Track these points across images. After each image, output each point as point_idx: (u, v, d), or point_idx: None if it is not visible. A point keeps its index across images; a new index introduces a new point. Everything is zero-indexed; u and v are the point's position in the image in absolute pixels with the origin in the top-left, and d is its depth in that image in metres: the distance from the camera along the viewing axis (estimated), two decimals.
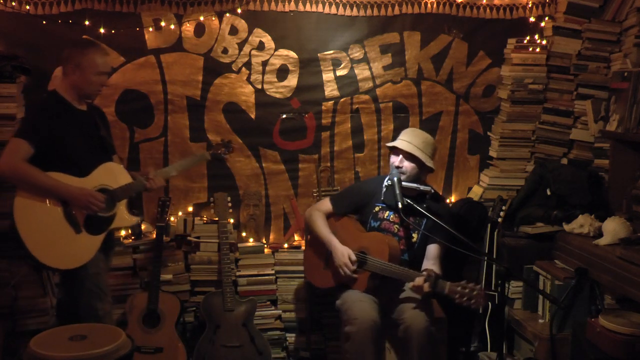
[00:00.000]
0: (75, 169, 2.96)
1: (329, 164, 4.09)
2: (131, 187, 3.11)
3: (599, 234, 3.39)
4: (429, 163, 3.28)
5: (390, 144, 3.36)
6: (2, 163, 2.84)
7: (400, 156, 3.28)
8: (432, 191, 3.33)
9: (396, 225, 3.33)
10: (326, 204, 3.48)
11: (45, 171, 2.87)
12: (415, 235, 3.32)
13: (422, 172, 3.33)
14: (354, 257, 3.22)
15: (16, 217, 2.85)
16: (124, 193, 3.08)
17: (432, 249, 3.28)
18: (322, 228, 3.38)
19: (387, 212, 3.36)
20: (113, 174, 3.08)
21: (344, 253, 3.23)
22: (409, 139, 3.29)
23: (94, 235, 2.99)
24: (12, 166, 2.83)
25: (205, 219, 3.96)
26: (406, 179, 3.28)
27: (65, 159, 2.94)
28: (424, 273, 3.06)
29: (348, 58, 4.01)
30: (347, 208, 3.45)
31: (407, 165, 3.28)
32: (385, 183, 3.36)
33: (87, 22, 3.68)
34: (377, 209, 3.37)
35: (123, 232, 3.90)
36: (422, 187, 3.31)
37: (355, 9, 3.94)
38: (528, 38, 4.01)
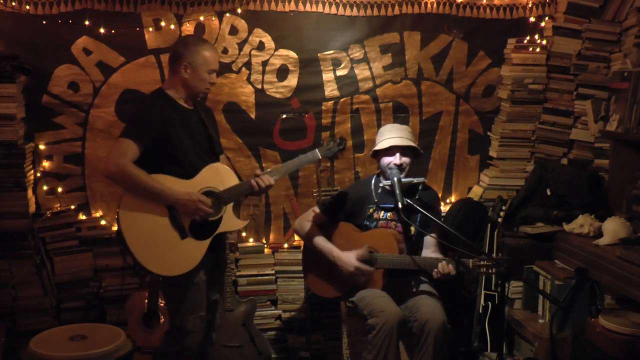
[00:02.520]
0: (181, 170, 2.83)
1: (329, 164, 4.09)
2: (238, 189, 2.95)
3: (599, 234, 3.39)
4: (420, 150, 3.34)
5: (385, 145, 3.28)
6: (111, 164, 2.70)
7: (397, 154, 3.28)
8: (425, 181, 3.36)
9: (393, 222, 3.34)
10: (315, 212, 3.39)
11: (150, 173, 2.74)
12: (412, 229, 3.33)
13: (414, 162, 3.36)
14: (361, 253, 3.20)
15: (123, 226, 2.72)
16: (230, 195, 2.92)
17: (430, 238, 3.33)
18: (318, 240, 3.31)
19: (382, 212, 3.35)
20: (219, 175, 2.94)
21: (350, 260, 3.20)
22: (398, 135, 3.30)
23: (199, 240, 2.84)
24: (120, 168, 2.68)
25: None
26: (405, 175, 3.28)
27: (172, 161, 2.82)
28: (446, 258, 3.10)
29: (348, 58, 4.01)
30: (339, 214, 3.38)
31: (405, 160, 3.29)
32: (380, 184, 3.35)
33: (87, 22, 3.68)
34: (370, 210, 3.36)
35: None
36: (416, 180, 3.32)
37: (355, 9, 3.94)
38: (528, 38, 4.01)
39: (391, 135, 3.31)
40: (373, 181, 3.40)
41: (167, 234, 2.77)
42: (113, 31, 3.72)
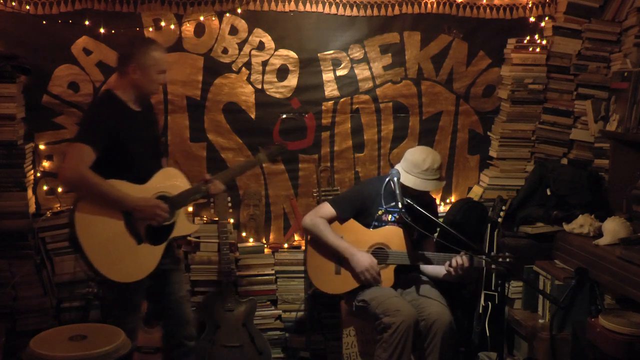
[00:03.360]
0: (135, 175, 2.80)
1: (329, 164, 4.09)
2: (191, 193, 2.96)
3: (599, 234, 3.39)
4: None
5: (420, 188, 3.20)
6: (68, 171, 2.66)
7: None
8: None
9: (400, 225, 3.33)
10: (328, 210, 3.35)
11: (105, 178, 2.70)
12: (415, 233, 3.33)
13: None
14: (375, 263, 3.21)
15: (79, 231, 2.66)
16: (183, 200, 2.93)
17: (430, 241, 3.35)
18: (332, 236, 3.28)
19: (390, 215, 3.35)
20: (171, 180, 2.94)
21: (365, 258, 3.20)
22: (435, 177, 3.23)
23: (155, 245, 2.84)
24: (78, 174, 2.63)
25: (205, 219, 3.96)
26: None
27: (125, 165, 2.78)
28: (458, 254, 3.11)
29: (348, 58, 4.01)
30: (351, 213, 3.36)
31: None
32: (385, 181, 3.36)
33: (87, 22, 3.68)
34: (380, 212, 3.35)
35: None
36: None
37: (355, 9, 3.94)
38: (528, 38, 4.01)
39: (428, 176, 3.20)
40: (384, 185, 3.38)
41: (124, 239, 2.75)
42: (113, 31, 3.72)
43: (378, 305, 3.11)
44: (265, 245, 4.06)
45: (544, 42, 4.00)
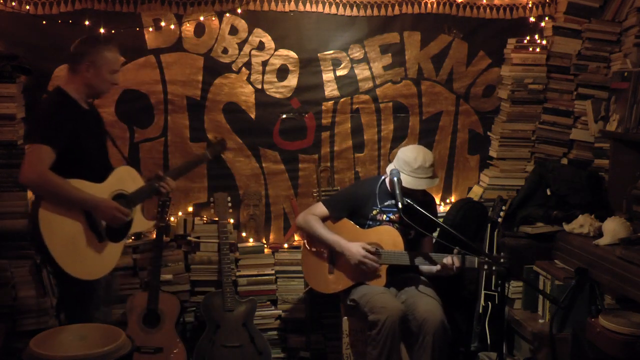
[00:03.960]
0: (92, 173, 2.83)
1: (329, 164, 4.09)
2: (146, 190, 3.03)
3: (599, 234, 3.39)
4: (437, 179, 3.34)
5: (413, 186, 3.22)
6: (28, 172, 2.67)
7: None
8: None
9: (396, 225, 3.34)
10: (321, 209, 3.41)
11: (65, 178, 2.72)
12: (412, 232, 3.33)
13: None
14: (368, 246, 3.22)
15: (42, 227, 2.68)
16: (139, 197, 3.00)
17: (429, 240, 3.36)
18: (324, 231, 3.33)
19: (385, 215, 3.35)
20: (127, 178, 3.00)
21: (357, 249, 3.22)
22: (427, 175, 3.25)
23: (116, 242, 2.91)
24: (39, 175, 2.64)
25: (205, 219, 3.96)
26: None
27: (83, 164, 2.81)
28: (451, 254, 3.12)
29: (348, 58, 4.01)
30: (344, 212, 3.40)
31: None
32: (380, 181, 3.36)
33: (87, 22, 3.68)
34: (374, 212, 3.36)
35: None
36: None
37: (355, 9, 3.94)
38: (528, 38, 4.01)
39: (420, 174, 3.22)
40: (379, 184, 3.39)
41: (86, 237, 2.79)
42: (113, 31, 3.71)
43: (366, 303, 3.14)
44: (265, 245, 4.06)
45: (544, 42, 4.00)
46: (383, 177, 3.41)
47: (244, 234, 4.06)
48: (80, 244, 2.78)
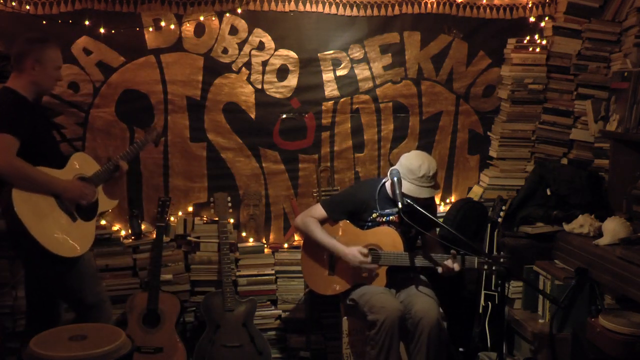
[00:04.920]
0: (53, 161, 2.98)
1: (329, 164, 4.09)
2: (104, 172, 3.19)
3: (599, 234, 3.39)
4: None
5: (416, 195, 3.18)
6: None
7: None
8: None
9: (392, 226, 3.33)
10: (319, 211, 3.39)
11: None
12: (413, 230, 3.33)
13: None
14: (365, 251, 3.22)
15: (19, 212, 2.77)
16: (99, 179, 3.16)
17: (430, 240, 3.35)
18: (321, 234, 3.32)
19: (385, 217, 3.35)
20: (83, 163, 3.15)
21: (354, 254, 3.21)
22: (430, 184, 3.21)
23: (88, 221, 3.06)
24: (9, 163, 2.76)
25: (205, 219, 3.97)
26: None
27: (43, 153, 2.95)
28: (451, 253, 3.11)
29: (348, 58, 4.01)
30: (343, 215, 3.38)
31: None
32: (380, 185, 3.35)
33: (87, 22, 3.68)
34: (374, 215, 3.35)
35: (123, 232, 3.91)
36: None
37: (355, 9, 3.94)
38: (528, 38, 4.01)
39: (424, 183, 3.18)
40: (379, 189, 3.37)
41: (61, 219, 2.93)
42: (113, 31, 3.71)
43: (365, 302, 3.14)
44: (265, 245, 4.06)
45: (544, 42, 4.00)
46: (383, 181, 3.39)
47: (244, 234, 4.06)
48: (58, 225, 2.90)
